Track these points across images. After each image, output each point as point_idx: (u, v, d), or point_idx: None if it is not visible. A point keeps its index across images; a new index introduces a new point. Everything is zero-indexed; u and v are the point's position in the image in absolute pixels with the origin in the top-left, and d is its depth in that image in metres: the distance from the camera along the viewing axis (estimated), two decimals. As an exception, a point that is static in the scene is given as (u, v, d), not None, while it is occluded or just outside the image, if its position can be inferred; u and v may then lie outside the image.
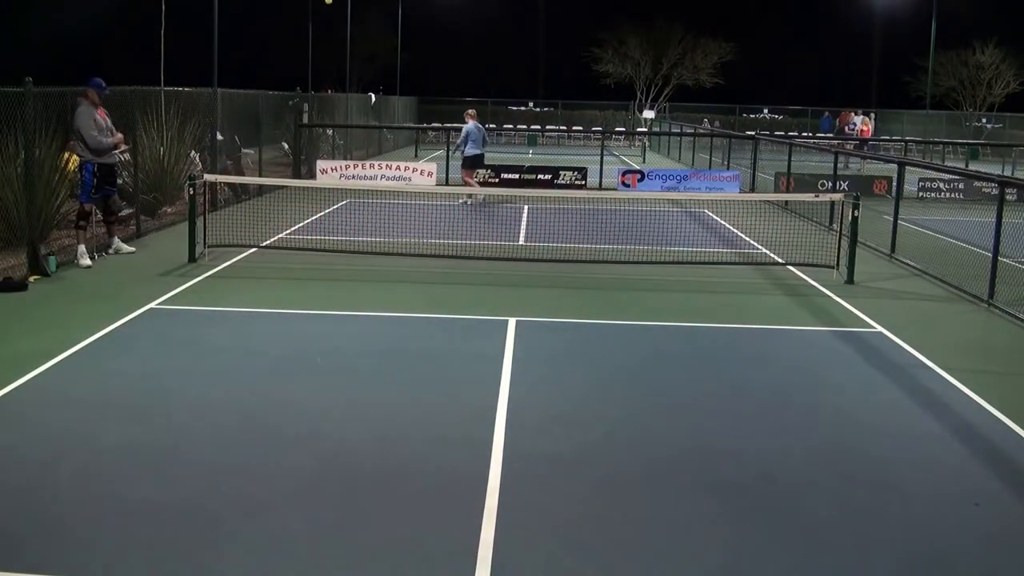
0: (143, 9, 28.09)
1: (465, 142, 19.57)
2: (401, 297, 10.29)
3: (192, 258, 11.93)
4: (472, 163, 19.75)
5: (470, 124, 19.61)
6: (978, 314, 10.29)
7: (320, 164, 22.63)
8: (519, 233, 15.40)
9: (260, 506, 5.07)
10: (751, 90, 54.89)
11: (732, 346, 8.84)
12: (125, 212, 13.65)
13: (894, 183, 16.52)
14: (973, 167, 28.10)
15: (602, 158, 24.66)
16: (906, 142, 32.00)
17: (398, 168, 22.60)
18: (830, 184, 19.65)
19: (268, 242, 13.39)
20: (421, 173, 22.50)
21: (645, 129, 43.99)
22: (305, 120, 23.51)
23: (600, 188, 22.60)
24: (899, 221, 13.97)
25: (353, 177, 21.41)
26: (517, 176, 23.39)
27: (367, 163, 23.99)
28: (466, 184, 19.71)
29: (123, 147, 12.72)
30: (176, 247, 12.50)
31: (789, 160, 20.33)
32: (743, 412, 6.85)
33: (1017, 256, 11.58)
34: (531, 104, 58.27)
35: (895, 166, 16.29)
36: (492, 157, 30.07)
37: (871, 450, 6.19)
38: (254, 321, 9.25)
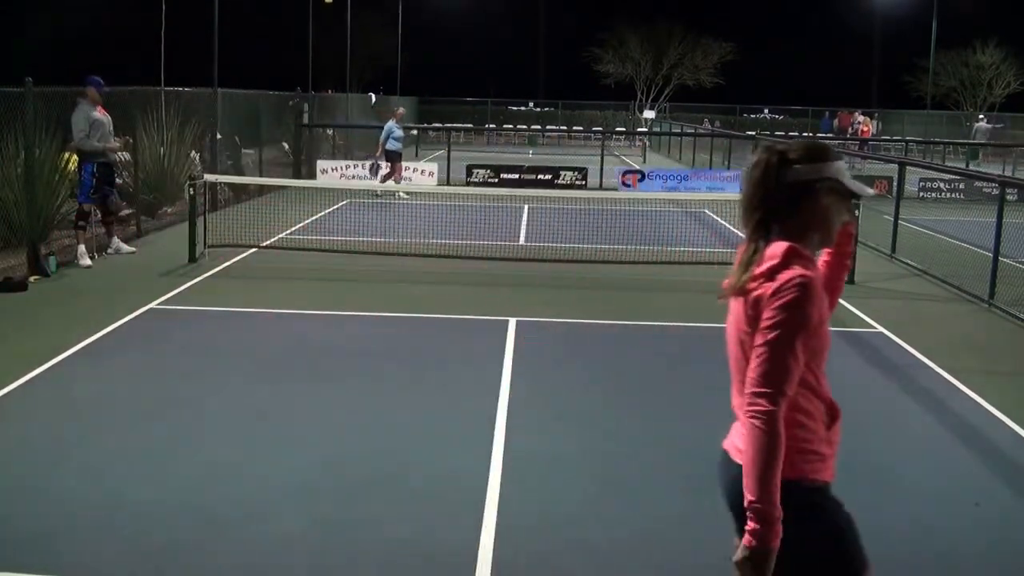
0: (143, 9, 28.12)
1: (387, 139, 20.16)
2: (401, 297, 10.29)
3: (192, 258, 11.93)
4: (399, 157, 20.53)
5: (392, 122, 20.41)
6: (979, 314, 10.29)
7: (320, 164, 22.63)
8: (519, 233, 15.40)
9: (260, 506, 5.07)
10: (751, 90, 54.92)
11: (732, 346, 8.82)
12: (125, 212, 13.65)
13: (894, 183, 16.51)
14: (973, 167, 28.10)
15: (602, 158, 24.63)
16: (907, 142, 31.99)
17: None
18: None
19: (268, 242, 13.39)
20: (421, 173, 22.51)
21: (645, 129, 43.98)
22: (305, 120, 23.51)
23: (600, 188, 22.59)
24: (899, 221, 13.97)
25: (353, 177, 21.41)
26: (517, 176, 23.38)
27: (367, 163, 23.97)
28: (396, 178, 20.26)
29: (118, 145, 12.71)
30: (176, 247, 12.50)
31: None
32: (743, 412, 6.83)
33: (1018, 256, 11.56)
34: (531, 104, 58.25)
35: (895, 166, 16.29)
36: (493, 157, 30.21)
37: (870, 450, 6.18)
38: (254, 321, 9.25)
